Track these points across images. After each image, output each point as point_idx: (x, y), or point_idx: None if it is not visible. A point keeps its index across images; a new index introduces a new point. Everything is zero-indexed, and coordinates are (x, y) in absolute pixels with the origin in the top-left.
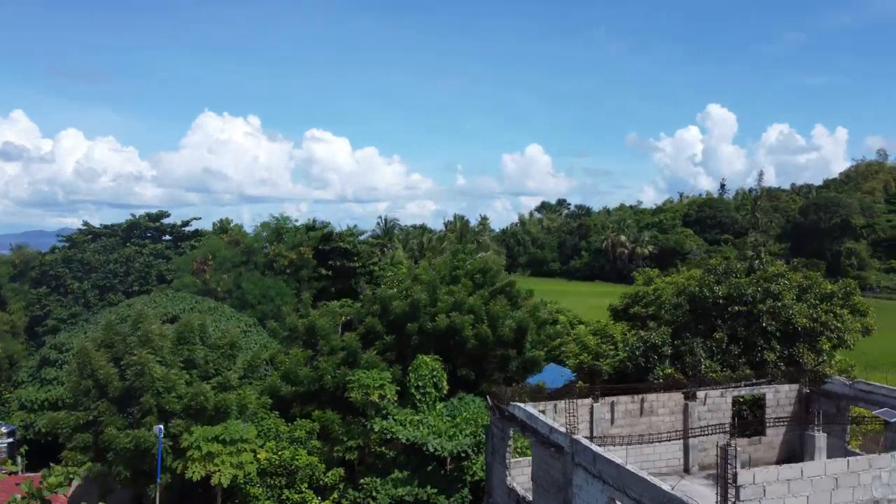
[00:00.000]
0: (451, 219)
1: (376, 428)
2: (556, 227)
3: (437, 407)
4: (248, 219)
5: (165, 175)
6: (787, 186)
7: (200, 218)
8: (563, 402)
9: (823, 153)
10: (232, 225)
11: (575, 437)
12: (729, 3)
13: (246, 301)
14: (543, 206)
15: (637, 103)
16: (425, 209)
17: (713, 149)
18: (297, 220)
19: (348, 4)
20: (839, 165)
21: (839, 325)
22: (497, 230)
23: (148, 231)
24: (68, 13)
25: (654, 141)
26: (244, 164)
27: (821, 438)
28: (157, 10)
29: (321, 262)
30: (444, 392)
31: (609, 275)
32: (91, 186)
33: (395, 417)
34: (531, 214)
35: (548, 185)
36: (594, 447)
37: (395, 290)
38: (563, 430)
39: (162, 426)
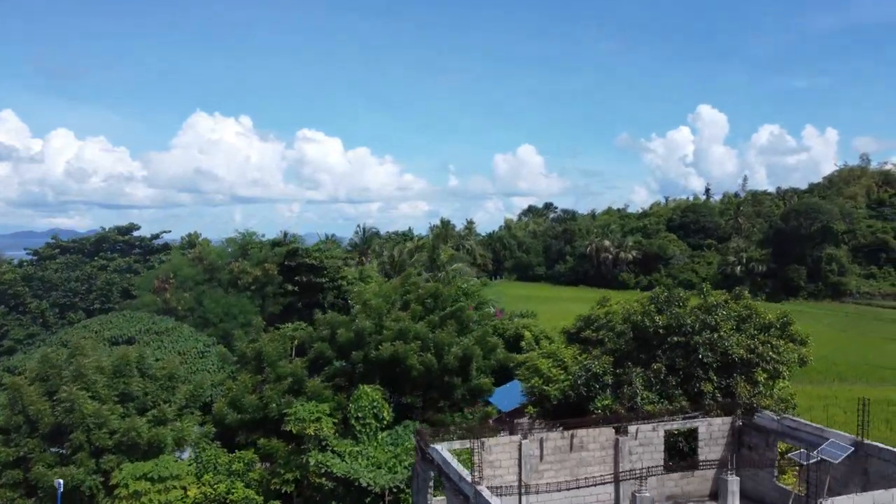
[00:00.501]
0: (438, 223)
1: (311, 462)
2: (541, 232)
3: (380, 436)
4: (240, 220)
5: (157, 175)
6: (780, 187)
7: (170, 231)
8: (490, 439)
9: (813, 154)
10: (200, 239)
11: (479, 488)
12: (718, 4)
13: (207, 320)
14: (530, 210)
15: (628, 104)
16: (417, 210)
17: (704, 150)
18: (263, 236)
19: (340, 4)
20: (829, 167)
21: (775, 356)
22: (483, 234)
23: (118, 244)
24: (59, 12)
25: (645, 142)
26: (236, 164)
27: (734, 482)
28: (148, 10)
29: (288, 277)
30: (389, 421)
31: (594, 280)
32: (82, 187)
33: (335, 449)
34: (520, 217)
35: (540, 185)
36: (494, 501)
37: (356, 308)
38: (469, 479)
39: (61, 480)
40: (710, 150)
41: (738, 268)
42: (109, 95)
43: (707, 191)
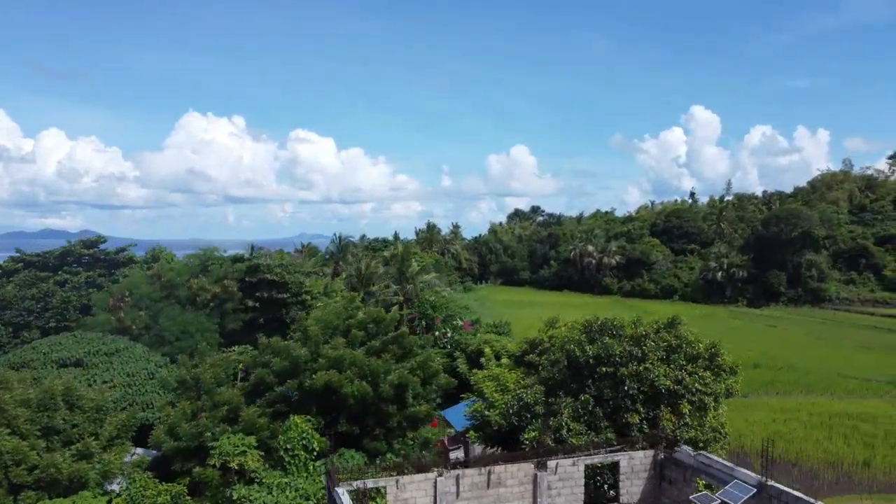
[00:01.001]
0: (426, 226)
1: (235, 496)
2: (527, 236)
3: (312, 466)
4: (233, 220)
5: (149, 176)
6: (766, 191)
7: (136, 244)
8: (405, 477)
9: (805, 155)
10: (164, 253)
11: None
12: (713, 6)
13: (163, 338)
14: (517, 214)
15: (622, 105)
16: (411, 210)
17: (697, 150)
18: (225, 251)
19: (335, 5)
20: (820, 167)
21: (700, 387)
22: (470, 238)
23: (83, 258)
24: (50, 13)
25: (638, 142)
26: (229, 164)
27: None
28: (140, 11)
29: (249, 293)
30: (324, 450)
31: (577, 284)
32: (73, 187)
33: (264, 481)
34: (509, 220)
35: (533, 185)
36: None
37: (296, 335)
38: None
39: None
40: (702, 151)
41: (720, 273)
42: (102, 95)
43: (692, 194)
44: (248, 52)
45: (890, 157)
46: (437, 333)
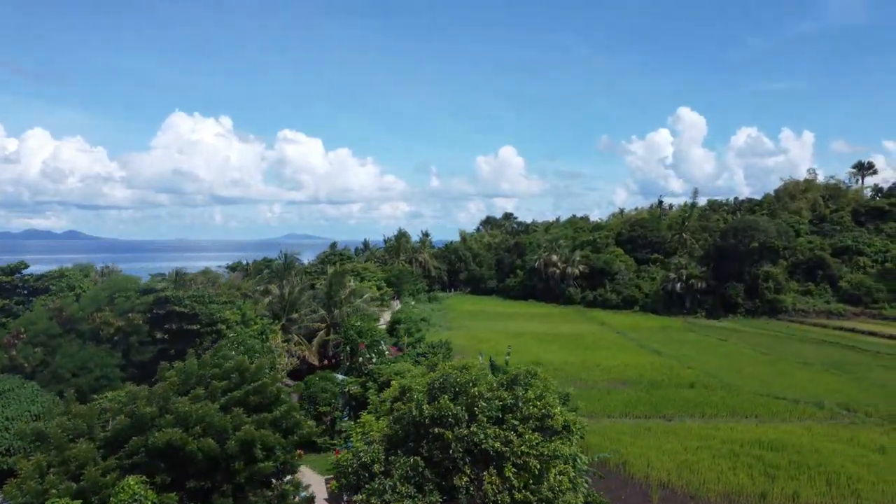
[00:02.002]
0: (398, 235)
1: None
2: (496, 244)
3: None
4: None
5: (135, 176)
6: (737, 197)
7: (63, 267)
8: None
9: (790, 157)
10: (82, 281)
11: None
12: (692, 8)
13: (60, 376)
14: (488, 221)
15: (609, 107)
16: (399, 210)
17: (684, 152)
18: (141, 279)
19: (322, 7)
20: (805, 168)
21: (526, 449)
22: (438, 246)
23: (4, 284)
24: (29, 14)
25: (625, 144)
26: (216, 165)
27: None
28: (126, 11)
29: (158, 325)
30: None
31: (542, 294)
32: (58, 187)
33: None
34: (481, 226)
35: (521, 187)
36: None
37: (143, 391)
38: None
39: None
40: (689, 152)
41: (679, 285)
42: (86, 95)
43: (660, 203)
44: (235, 52)
45: (854, 167)
46: (360, 360)
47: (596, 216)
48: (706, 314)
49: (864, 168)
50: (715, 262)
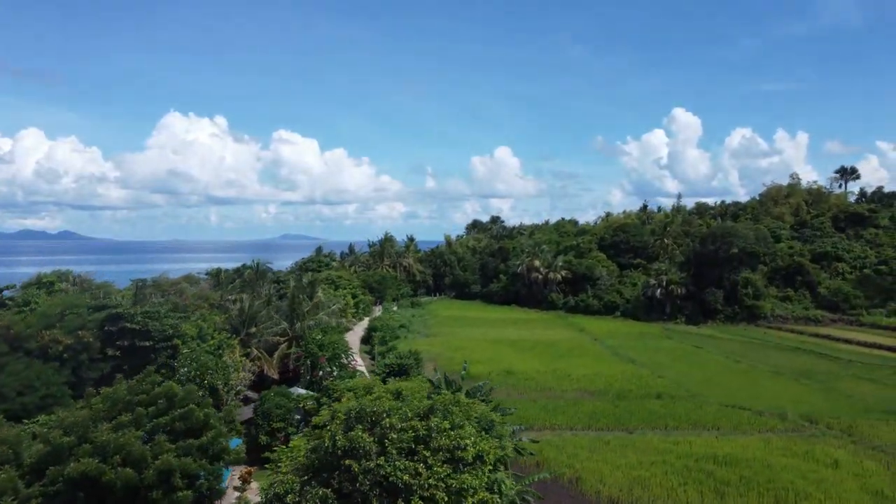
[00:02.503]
0: (383, 239)
1: None
2: (481, 248)
3: None
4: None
5: (130, 176)
6: (724, 200)
7: (15, 286)
8: None
9: (785, 157)
10: (37, 296)
11: None
12: (687, 9)
13: (4, 395)
14: (475, 225)
15: (604, 107)
16: (395, 211)
17: (679, 152)
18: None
19: (317, 7)
20: (801, 169)
21: (434, 483)
22: (425, 250)
23: None
24: (23, 14)
25: (620, 144)
26: (211, 165)
27: None
28: (119, 11)
29: (110, 342)
30: None
31: (525, 299)
32: (52, 187)
33: None
34: (468, 231)
35: (517, 187)
36: None
37: (97, 404)
38: None
39: None
40: (684, 153)
41: (658, 290)
42: (81, 95)
43: (645, 207)
44: (231, 52)
45: (837, 171)
46: (320, 373)
47: (592, 217)
48: (686, 320)
49: (848, 173)
50: (695, 268)
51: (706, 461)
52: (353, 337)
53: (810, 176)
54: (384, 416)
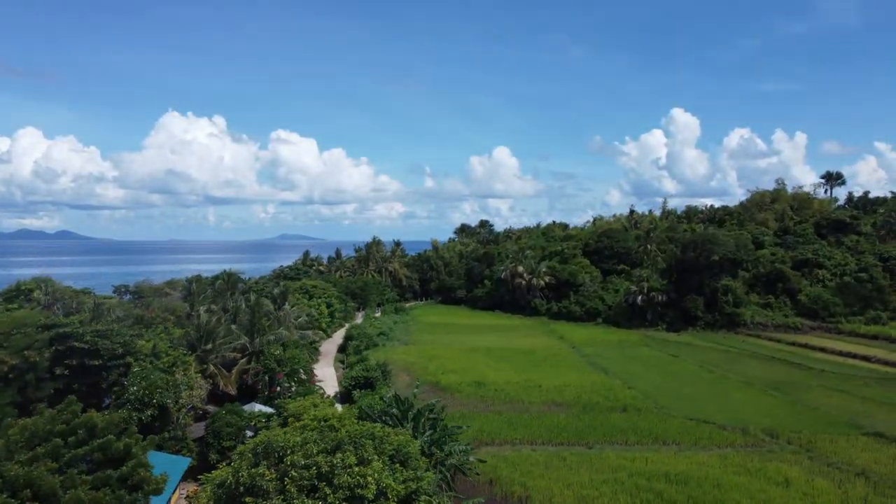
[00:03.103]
0: (368, 244)
1: None
2: (467, 253)
3: None
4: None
5: (128, 176)
6: (713, 205)
7: (20, 281)
8: None
9: (783, 157)
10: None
11: None
12: (685, 10)
13: None
14: (462, 229)
15: (602, 107)
16: (393, 211)
17: (677, 153)
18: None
19: (315, 7)
20: (798, 170)
21: None
22: (412, 254)
23: None
24: (21, 13)
25: (619, 145)
26: (209, 165)
27: None
28: (117, 10)
29: (59, 361)
30: None
31: (509, 305)
32: (51, 187)
33: None
34: (456, 235)
35: (515, 187)
36: None
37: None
38: None
39: None
40: (682, 153)
41: (640, 297)
42: (79, 94)
43: (631, 212)
44: (230, 52)
45: (823, 177)
46: (277, 389)
47: (589, 217)
48: (667, 327)
49: (834, 178)
50: (677, 275)
51: (658, 480)
52: (331, 345)
53: (808, 177)
54: (288, 451)
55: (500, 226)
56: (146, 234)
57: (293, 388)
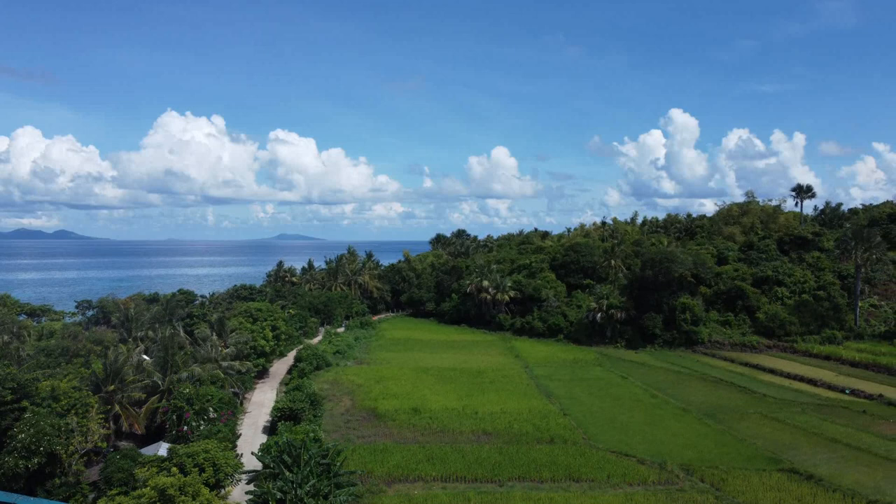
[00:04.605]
0: (340, 257)
1: None
2: (439, 265)
3: None
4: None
5: (126, 175)
6: (691, 214)
7: None
8: None
9: (782, 158)
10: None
11: None
12: (684, 10)
13: None
14: (438, 240)
15: (600, 108)
16: (392, 211)
17: (676, 153)
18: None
19: (315, 6)
20: (797, 170)
21: None
22: (385, 265)
23: None
24: (19, 12)
25: (617, 145)
26: (207, 164)
27: None
28: (116, 10)
29: None
30: None
31: (476, 319)
32: (49, 186)
33: None
34: (433, 245)
35: (514, 187)
36: None
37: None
38: None
39: None
40: (681, 154)
41: (599, 315)
42: (78, 94)
43: (604, 224)
44: (228, 51)
45: (793, 189)
46: (185, 428)
47: (589, 218)
48: (626, 344)
49: (804, 191)
50: (637, 292)
51: None
52: (284, 366)
53: (807, 177)
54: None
55: (499, 226)
56: (145, 233)
57: (201, 427)
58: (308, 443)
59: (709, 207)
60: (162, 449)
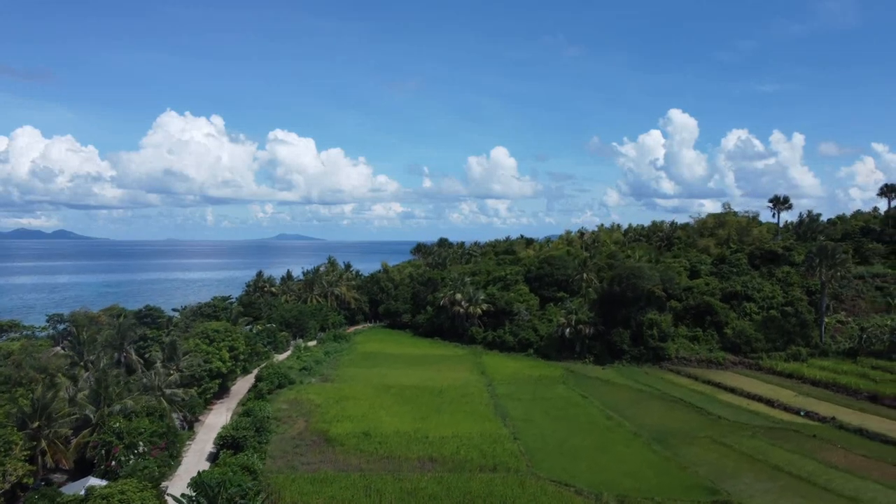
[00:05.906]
0: (316, 268)
1: None
2: (417, 276)
3: None
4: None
5: (125, 175)
6: (674, 222)
7: None
8: None
9: (781, 159)
10: None
11: None
12: (683, 11)
13: None
14: (419, 249)
15: (599, 108)
16: (392, 211)
17: (675, 153)
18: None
19: (314, 6)
20: (796, 171)
21: None
22: (365, 274)
23: None
24: (18, 12)
25: (617, 145)
26: (207, 164)
27: None
28: (115, 10)
29: None
30: None
31: (449, 332)
32: (48, 186)
33: None
34: (413, 254)
35: (513, 187)
36: None
37: None
38: None
39: None
40: (680, 154)
41: (568, 330)
42: (78, 93)
43: (581, 234)
44: (227, 51)
45: (770, 201)
46: (113, 463)
47: (589, 219)
48: (594, 360)
49: (781, 202)
50: (605, 307)
51: None
52: (246, 384)
53: (806, 177)
54: None
55: (499, 226)
56: (144, 233)
57: (130, 462)
58: (228, 482)
59: (708, 208)
60: (90, 482)
